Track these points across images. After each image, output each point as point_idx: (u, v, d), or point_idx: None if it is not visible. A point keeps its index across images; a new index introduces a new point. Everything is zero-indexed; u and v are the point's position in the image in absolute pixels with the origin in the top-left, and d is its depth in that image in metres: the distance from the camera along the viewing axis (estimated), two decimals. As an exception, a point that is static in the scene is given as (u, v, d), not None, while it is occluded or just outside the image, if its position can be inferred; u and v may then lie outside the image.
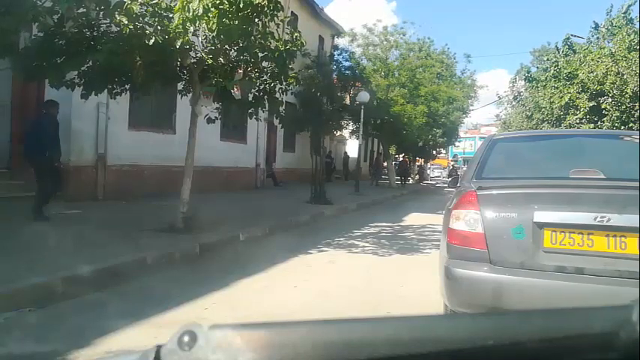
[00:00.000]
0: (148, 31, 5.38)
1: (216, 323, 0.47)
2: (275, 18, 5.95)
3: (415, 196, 19.22)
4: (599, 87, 14.43)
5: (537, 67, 22.30)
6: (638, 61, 13.22)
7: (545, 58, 21.10)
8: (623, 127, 13.74)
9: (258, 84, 6.97)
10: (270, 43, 6.21)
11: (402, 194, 18.64)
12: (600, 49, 15.60)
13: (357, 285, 4.71)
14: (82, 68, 5.86)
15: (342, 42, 20.97)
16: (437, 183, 31.79)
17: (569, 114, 15.65)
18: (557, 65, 17.16)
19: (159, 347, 0.48)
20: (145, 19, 5.43)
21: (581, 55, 16.26)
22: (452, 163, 47.93)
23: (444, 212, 3.24)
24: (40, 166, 6.35)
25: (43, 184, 6.33)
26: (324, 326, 0.50)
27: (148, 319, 3.27)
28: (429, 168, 39.89)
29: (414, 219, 10.33)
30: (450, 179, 4.88)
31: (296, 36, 6.54)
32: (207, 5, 5.11)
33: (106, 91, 6.47)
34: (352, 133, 21.89)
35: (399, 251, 6.52)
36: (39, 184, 6.37)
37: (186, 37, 5.43)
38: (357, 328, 0.50)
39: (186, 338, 0.46)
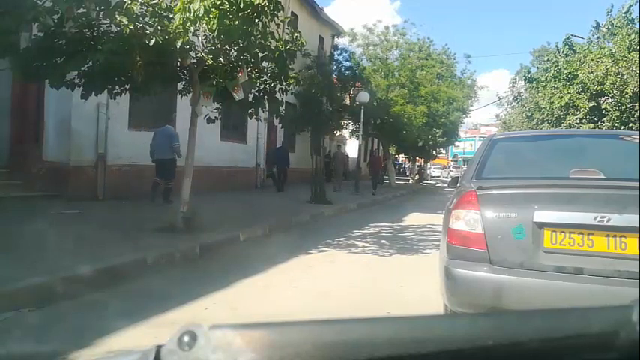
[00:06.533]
0: (148, 32, 5.37)
1: (216, 323, 0.47)
2: (275, 18, 5.95)
3: (413, 196, 19.20)
4: (599, 87, 14.44)
5: (537, 68, 22.30)
6: (638, 61, 13.22)
7: (545, 59, 21.13)
8: (623, 127, 13.76)
9: (258, 84, 6.97)
10: (270, 43, 6.21)
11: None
12: (600, 49, 15.61)
13: (357, 285, 4.71)
14: (82, 68, 5.85)
15: (342, 42, 20.97)
16: (437, 183, 31.78)
17: (569, 114, 15.67)
18: (557, 65, 17.17)
19: (159, 347, 0.48)
20: (145, 20, 5.42)
21: (581, 56, 16.27)
22: (452, 164, 47.75)
23: (444, 212, 3.24)
24: (285, 171, 14.16)
25: (282, 178, 14.21)
26: (324, 326, 0.50)
27: (148, 319, 3.27)
28: (429, 168, 39.86)
29: (414, 219, 10.33)
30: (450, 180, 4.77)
31: (296, 36, 6.54)
32: (208, 6, 5.11)
33: (106, 91, 6.46)
34: (352, 133, 21.86)
35: (399, 251, 6.52)
36: (281, 179, 14.20)
37: (187, 38, 5.42)
38: (357, 328, 0.50)
39: (186, 338, 0.46)
